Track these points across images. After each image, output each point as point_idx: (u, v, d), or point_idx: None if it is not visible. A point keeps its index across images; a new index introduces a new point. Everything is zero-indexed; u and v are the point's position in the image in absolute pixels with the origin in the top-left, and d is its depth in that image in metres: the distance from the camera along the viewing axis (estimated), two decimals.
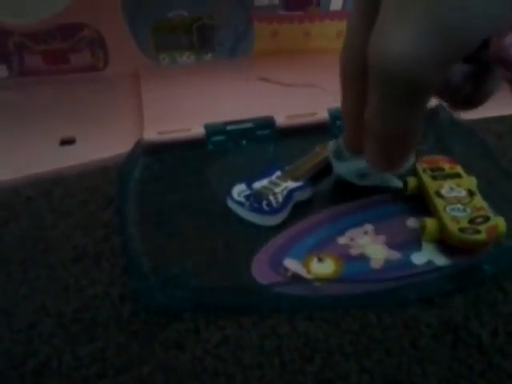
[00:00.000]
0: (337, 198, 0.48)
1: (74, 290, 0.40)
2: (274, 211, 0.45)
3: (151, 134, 0.56)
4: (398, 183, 0.48)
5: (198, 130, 0.56)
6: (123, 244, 0.42)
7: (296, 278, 0.40)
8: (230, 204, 0.47)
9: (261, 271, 0.41)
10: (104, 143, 0.57)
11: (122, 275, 0.41)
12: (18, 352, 0.35)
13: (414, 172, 0.47)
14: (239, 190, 0.48)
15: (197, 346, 0.35)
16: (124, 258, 0.42)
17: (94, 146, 0.57)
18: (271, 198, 0.47)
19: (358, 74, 0.31)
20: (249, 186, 0.48)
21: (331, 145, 0.49)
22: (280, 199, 0.46)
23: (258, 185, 0.48)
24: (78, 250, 0.43)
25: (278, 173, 0.50)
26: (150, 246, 0.43)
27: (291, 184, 0.48)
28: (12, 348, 0.36)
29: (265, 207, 0.46)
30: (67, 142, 0.58)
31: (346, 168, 0.48)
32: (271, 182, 0.49)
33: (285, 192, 0.47)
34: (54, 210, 0.48)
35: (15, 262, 0.42)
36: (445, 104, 0.32)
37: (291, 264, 0.41)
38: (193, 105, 0.63)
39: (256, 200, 0.46)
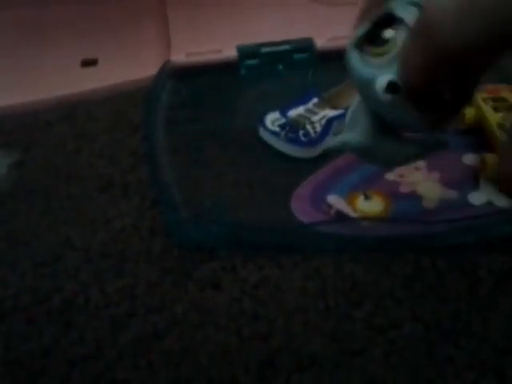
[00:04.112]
0: None
1: (100, 223, 0.37)
2: (312, 142, 0.41)
3: (179, 56, 0.52)
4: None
5: (229, 53, 0.51)
6: (152, 174, 0.39)
7: (340, 216, 0.36)
8: (263, 134, 0.43)
9: (301, 208, 0.37)
10: (128, 65, 0.53)
11: (152, 208, 0.38)
12: (43, 287, 0.33)
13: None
14: (273, 119, 0.44)
15: (234, 286, 0.33)
16: (153, 190, 0.39)
17: (117, 68, 0.53)
18: (308, 127, 0.43)
19: None
20: (283, 114, 0.44)
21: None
22: (318, 129, 0.42)
23: (293, 113, 0.44)
24: (104, 179, 0.41)
25: (315, 100, 0.45)
26: (181, 177, 0.40)
27: (330, 112, 0.44)
28: (36, 283, 0.33)
29: (302, 137, 0.42)
30: (89, 63, 0.54)
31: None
32: (308, 110, 0.44)
33: (323, 121, 0.43)
34: (77, 135, 0.45)
35: (37, 191, 0.40)
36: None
37: (335, 201, 0.37)
38: (224, 24, 0.58)
39: (292, 130, 0.42)
